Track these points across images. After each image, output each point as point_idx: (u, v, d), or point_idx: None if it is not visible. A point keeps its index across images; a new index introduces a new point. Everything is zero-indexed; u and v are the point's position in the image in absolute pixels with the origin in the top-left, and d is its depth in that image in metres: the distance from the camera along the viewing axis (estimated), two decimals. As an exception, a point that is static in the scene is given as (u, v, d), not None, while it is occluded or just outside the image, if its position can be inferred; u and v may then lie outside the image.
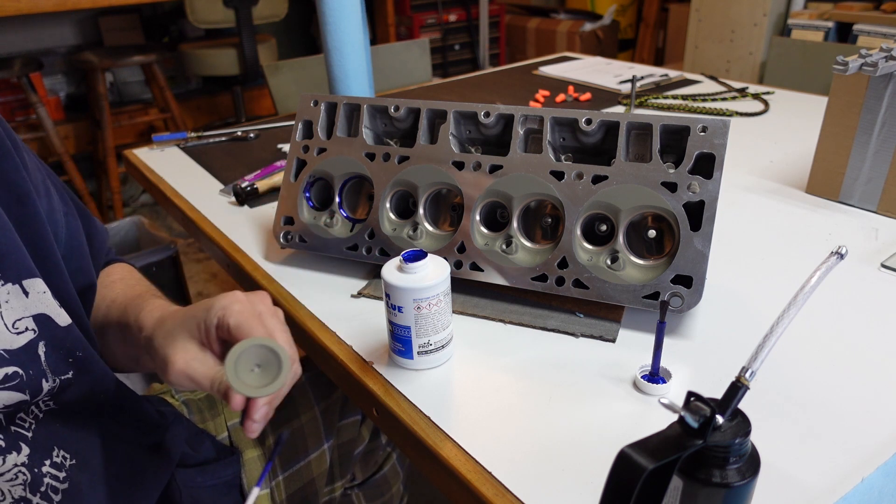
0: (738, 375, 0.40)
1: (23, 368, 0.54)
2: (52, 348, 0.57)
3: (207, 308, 0.54)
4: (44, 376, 0.56)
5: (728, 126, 0.65)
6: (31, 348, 0.55)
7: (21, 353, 0.55)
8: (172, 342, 0.55)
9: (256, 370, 0.49)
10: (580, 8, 4.02)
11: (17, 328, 0.54)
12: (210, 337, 0.54)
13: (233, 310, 0.53)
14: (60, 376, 0.58)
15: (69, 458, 0.60)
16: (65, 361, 0.58)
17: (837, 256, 0.42)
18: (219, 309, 0.53)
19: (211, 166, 1.17)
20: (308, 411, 0.89)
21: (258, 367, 0.50)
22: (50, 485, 0.57)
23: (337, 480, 0.92)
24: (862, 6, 2.43)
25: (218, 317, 0.53)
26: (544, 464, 0.52)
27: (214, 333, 0.54)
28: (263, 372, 0.49)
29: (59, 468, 0.59)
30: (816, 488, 0.49)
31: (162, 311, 0.60)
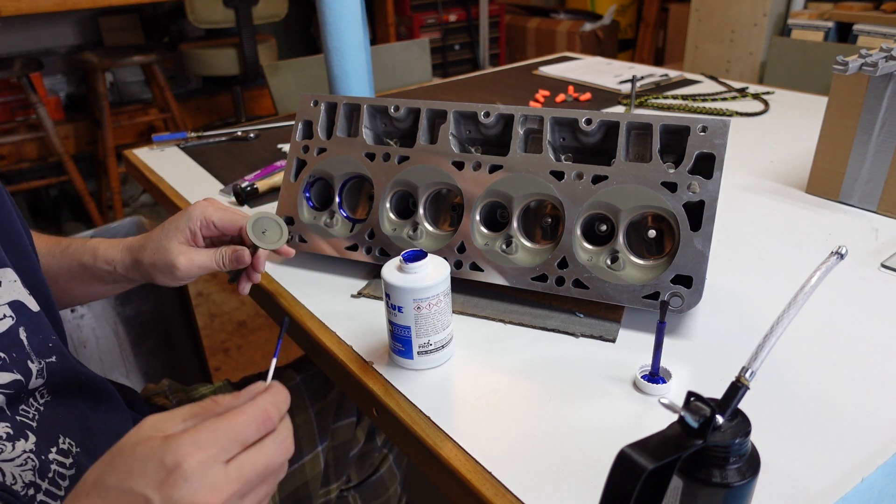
0: (738, 375, 0.40)
1: (6, 352, 0.56)
2: (32, 332, 0.59)
3: (187, 217, 0.68)
4: (29, 358, 0.58)
5: (728, 126, 0.65)
6: (12, 334, 0.57)
7: (4, 338, 0.56)
8: (166, 252, 0.67)
9: (264, 234, 0.68)
10: (580, 8, 4.02)
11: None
12: (196, 238, 0.68)
13: (211, 211, 0.68)
14: (45, 359, 0.60)
15: (74, 444, 0.61)
16: (45, 346, 0.60)
17: (837, 256, 0.42)
18: (199, 214, 0.68)
19: (211, 166, 1.17)
20: (302, 413, 0.89)
21: (264, 233, 0.68)
22: (57, 471, 0.58)
23: (332, 482, 0.92)
24: (862, 6, 2.42)
25: (201, 219, 0.68)
26: (544, 464, 0.52)
27: (200, 234, 0.68)
28: (270, 234, 0.69)
29: (65, 455, 0.59)
30: (816, 488, 0.49)
31: (123, 243, 0.72)
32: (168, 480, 0.39)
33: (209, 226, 0.68)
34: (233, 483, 0.40)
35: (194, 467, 0.39)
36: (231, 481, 0.40)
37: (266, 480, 0.43)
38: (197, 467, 0.39)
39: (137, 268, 0.70)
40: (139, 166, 1.21)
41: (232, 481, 0.40)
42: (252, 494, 0.42)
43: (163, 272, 0.68)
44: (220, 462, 0.40)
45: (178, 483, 0.38)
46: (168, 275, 0.68)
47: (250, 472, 0.41)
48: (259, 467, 0.42)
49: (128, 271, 0.71)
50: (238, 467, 0.41)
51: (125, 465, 0.40)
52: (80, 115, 3.00)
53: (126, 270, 0.71)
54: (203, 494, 0.39)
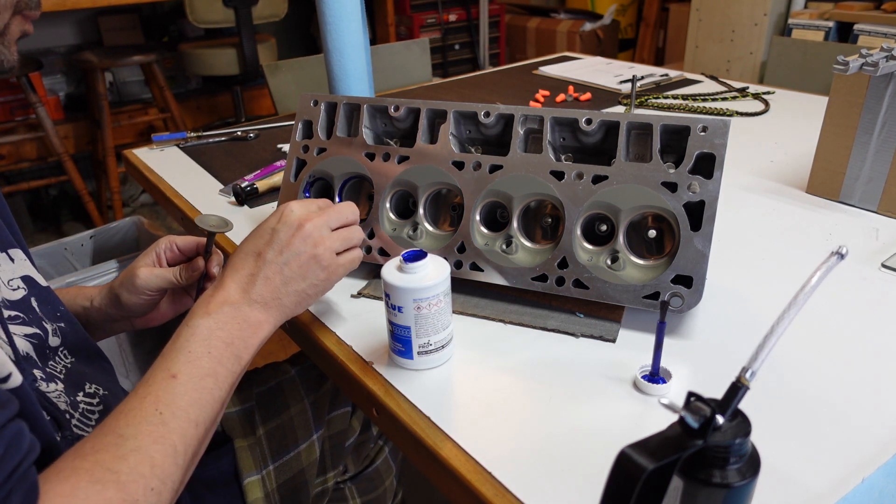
0: (739, 375, 0.40)
1: (24, 313, 0.64)
2: (41, 302, 0.67)
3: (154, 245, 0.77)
4: (43, 320, 0.66)
5: (728, 126, 0.65)
6: (25, 302, 0.65)
7: (20, 304, 0.65)
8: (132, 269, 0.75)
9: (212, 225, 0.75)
10: (580, 8, 4.02)
11: (13, 286, 0.65)
12: (161, 260, 0.77)
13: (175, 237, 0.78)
14: (57, 323, 0.68)
15: (101, 388, 0.68)
16: (54, 315, 0.68)
17: (838, 256, 0.42)
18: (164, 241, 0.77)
19: (211, 166, 1.17)
20: (297, 403, 0.90)
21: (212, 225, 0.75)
22: (85, 410, 0.65)
23: (329, 471, 0.93)
24: (862, 6, 2.42)
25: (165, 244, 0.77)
26: (544, 464, 0.52)
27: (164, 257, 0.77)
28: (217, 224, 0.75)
29: (92, 397, 0.67)
30: (817, 488, 0.49)
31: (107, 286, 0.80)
32: (283, 215, 0.64)
33: (173, 248, 0.77)
34: (321, 216, 0.64)
35: (297, 205, 0.64)
36: (318, 214, 0.64)
37: (347, 227, 0.66)
38: (298, 206, 0.64)
39: (109, 295, 0.78)
40: (139, 166, 1.21)
41: (320, 214, 0.64)
42: (337, 232, 0.65)
43: (127, 288, 0.76)
44: (310, 209, 0.65)
45: (289, 214, 0.64)
46: (130, 287, 0.75)
47: (331, 213, 0.65)
48: (336, 210, 0.66)
49: (103, 303, 0.79)
50: (319, 209, 0.65)
51: (255, 229, 0.65)
52: (80, 114, 3.00)
53: (101, 302, 0.79)
54: (302, 218, 0.63)
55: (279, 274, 0.62)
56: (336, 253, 0.64)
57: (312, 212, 0.64)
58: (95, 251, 1.32)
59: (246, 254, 0.63)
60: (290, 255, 0.62)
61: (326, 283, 0.64)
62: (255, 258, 0.63)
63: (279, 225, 0.63)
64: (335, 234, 0.64)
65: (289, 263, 0.62)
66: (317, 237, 0.63)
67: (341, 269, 0.65)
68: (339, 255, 0.64)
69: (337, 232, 0.65)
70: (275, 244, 0.62)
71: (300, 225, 0.63)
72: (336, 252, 0.64)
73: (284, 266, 0.62)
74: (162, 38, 3.29)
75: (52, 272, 1.25)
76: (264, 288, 0.62)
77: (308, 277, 0.63)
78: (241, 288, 0.62)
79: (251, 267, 0.62)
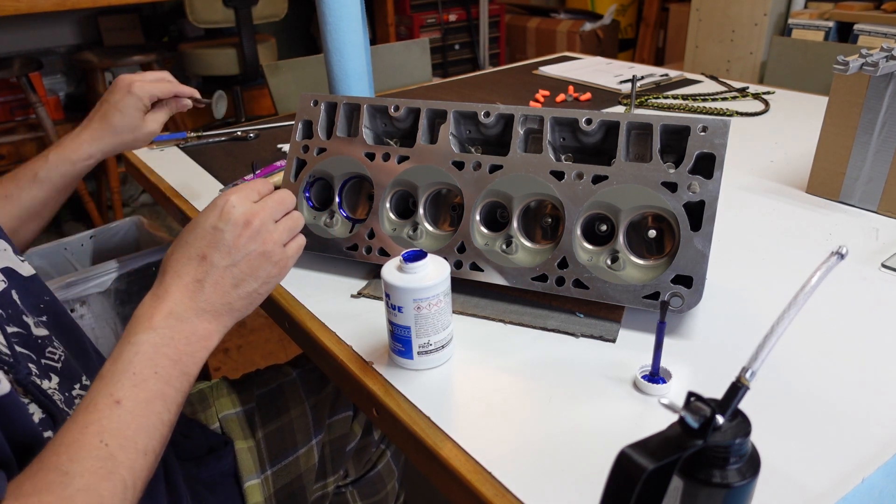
0: (739, 375, 0.40)
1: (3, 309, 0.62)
2: (23, 294, 0.66)
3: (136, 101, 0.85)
4: (23, 314, 0.65)
5: (728, 126, 0.65)
6: (6, 295, 0.64)
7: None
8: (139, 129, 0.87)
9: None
10: (580, 8, 4.02)
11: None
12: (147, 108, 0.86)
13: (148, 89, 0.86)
14: (38, 316, 0.67)
15: None
16: (37, 307, 0.68)
17: (838, 256, 0.42)
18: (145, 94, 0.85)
19: (211, 166, 1.17)
20: (298, 406, 0.90)
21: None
22: None
23: (329, 476, 0.93)
24: (862, 6, 2.42)
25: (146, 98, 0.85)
26: (544, 464, 0.52)
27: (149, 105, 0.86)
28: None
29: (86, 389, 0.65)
30: (817, 488, 0.49)
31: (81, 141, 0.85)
32: (223, 211, 0.58)
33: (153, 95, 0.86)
34: (264, 208, 0.60)
35: (237, 200, 0.59)
36: (262, 207, 0.60)
37: (289, 215, 0.63)
38: (238, 200, 0.59)
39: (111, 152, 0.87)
40: (139, 166, 1.21)
41: (263, 207, 0.60)
42: (281, 222, 0.61)
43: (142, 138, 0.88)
44: (251, 200, 0.60)
45: (230, 210, 0.58)
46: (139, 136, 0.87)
47: (272, 203, 0.61)
48: (277, 199, 0.62)
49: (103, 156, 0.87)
50: (262, 202, 0.61)
51: (191, 225, 0.59)
52: (80, 114, 2.99)
53: (102, 156, 0.87)
54: (248, 213, 0.59)
55: (229, 276, 0.58)
56: (283, 244, 0.62)
57: (255, 205, 0.60)
58: (95, 251, 1.32)
59: (188, 258, 0.58)
60: (239, 255, 0.58)
61: (278, 277, 0.61)
62: (200, 261, 0.57)
63: (221, 223, 0.58)
64: (281, 226, 0.61)
65: (238, 264, 0.58)
66: (265, 233, 0.59)
67: (291, 260, 0.62)
68: (285, 246, 0.62)
69: (282, 222, 0.62)
70: (220, 245, 0.58)
71: (247, 222, 0.58)
72: (283, 244, 0.61)
73: (233, 267, 0.58)
74: (162, 38, 3.29)
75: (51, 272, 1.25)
76: (213, 293, 0.57)
77: (260, 276, 0.59)
78: (187, 296, 0.57)
79: (196, 271, 0.57)
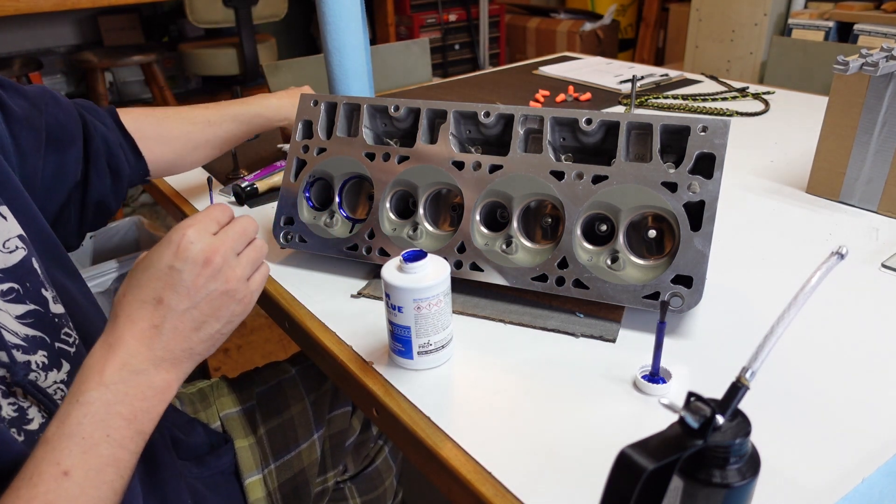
0: (739, 375, 0.40)
1: (19, 283, 0.59)
2: (43, 260, 0.63)
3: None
4: (42, 286, 0.61)
5: (728, 126, 0.65)
6: (26, 263, 0.60)
7: (17, 269, 0.59)
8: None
9: None
10: (580, 8, 4.02)
11: (9, 247, 0.60)
12: None
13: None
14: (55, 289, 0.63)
15: None
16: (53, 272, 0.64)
17: (838, 256, 0.42)
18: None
19: (211, 166, 1.17)
20: (298, 402, 0.90)
21: None
22: None
23: (329, 471, 0.93)
24: (862, 6, 2.42)
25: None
26: (544, 464, 0.52)
27: None
28: None
29: None
30: (817, 488, 0.49)
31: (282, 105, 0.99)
32: (180, 248, 0.52)
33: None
34: (224, 241, 0.55)
35: (195, 234, 0.53)
36: (223, 241, 0.55)
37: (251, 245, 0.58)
38: (196, 234, 0.53)
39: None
40: (139, 166, 1.21)
41: (224, 241, 0.55)
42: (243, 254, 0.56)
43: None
44: (210, 233, 0.55)
45: (188, 247, 0.53)
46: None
47: (233, 234, 0.56)
48: (238, 230, 0.56)
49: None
50: (223, 233, 0.55)
51: (144, 263, 0.54)
52: (80, 114, 2.99)
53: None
54: (207, 251, 0.53)
55: (189, 320, 0.53)
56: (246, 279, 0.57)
57: (215, 239, 0.54)
58: (95, 251, 1.32)
59: (142, 301, 0.52)
60: (200, 296, 0.53)
61: (242, 315, 0.57)
62: (156, 305, 0.52)
63: (178, 262, 0.52)
64: (243, 259, 0.56)
65: (198, 306, 0.53)
66: (227, 271, 0.54)
67: (255, 294, 0.57)
68: (249, 280, 0.57)
69: (244, 254, 0.57)
70: (178, 287, 0.52)
71: (206, 260, 0.53)
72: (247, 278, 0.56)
73: (194, 310, 0.53)
74: (162, 38, 3.30)
75: (52, 272, 1.25)
76: (172, 339, 0.52)
77: (222, 316, 0.54)
78: (143, 344, 0.51)
79: (152, 316, 0.52)
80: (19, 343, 0.57)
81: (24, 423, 0.56)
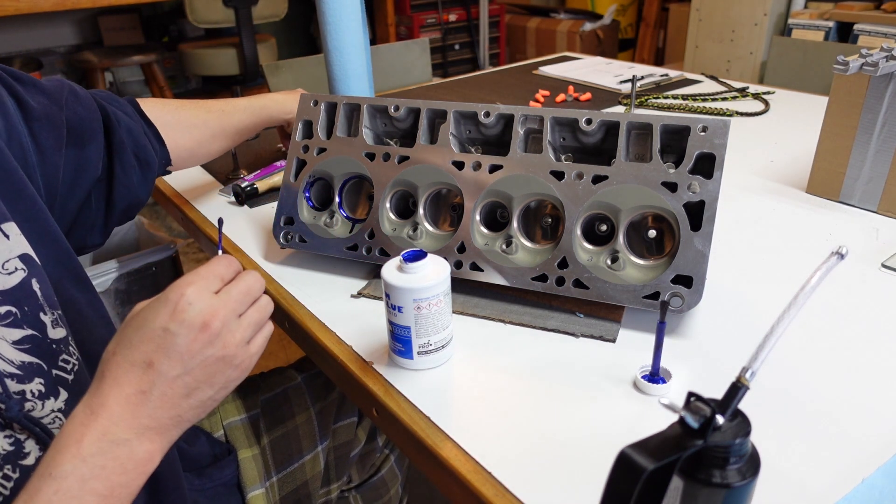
0: (739, 375, 0.40)
1: (17, 306, 0.57)
2: (43, 283, 0.60)
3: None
4: (41, 310, 0.59)
5: (728, 126, 0.65)
6: (25, 286, 0.58)
7: (15, 292, 0.57)
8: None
9: None
10: (580, 8, 4.02)
11: (8, 269, 0.57)
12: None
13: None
14: (55, 310, 0.61)
15: None
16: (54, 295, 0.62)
17: (838, 256, 0.42)
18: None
19: (211, 166, 1.17)
20: (303, 412, 0.89)
21: None
22: None
23: (333, 482, 0.92)
24: (862, 6, 2.42)
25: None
26: (544, 464, 0.52)
27: None
28: None
29: None
30: (816, 489, 0.49)
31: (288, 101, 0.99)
32: (176, 309, 0.48)
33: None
34: (226, 303, 0.50)
35: (194, 294, 0.49)
36: (224, 302, 0.50)
37: (254, 306, 0.53)
38: (196, 294, 0.49)
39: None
40: (139, 166, 1.21)
41: (225, 302, 0.50)
42: (245, 315, 0.52)
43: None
44: (211, 292, 0.50)
45: (186, 308, 0.48)
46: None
47: (236, 294, 0.51)
48: (242, 289, 0.52)
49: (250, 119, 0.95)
50: (225, 292, 0.51)
51: (137, 321, 0.49)
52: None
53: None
54: (206, 313, 0.49)
55: (180, 386, 0.49)
56: (247, 342, 0.52)
57: (215, 300, 0.50)
58: (96, 251, 1.32)
59: (132, 363, 0.48)
60: (194, 363, 0.49)
61: (238, 380, 0.53)
62: (145, 369, 0.48)
63: (174, 324, 0.48)
64: (245, 321, 0.52)
65: (191, 372, 0.49)
66: (226, 335, 0.50)
67: (254, 357, 0.53)
68: (249, 343, 0.52)
69: (247, 316, 0.52)
70: (171, 352, 0.48)
71: (205, 324, 0.48)
72: (247, 342, 0.52)
73: (186, 376, 0.49)
74: (162, 38, 3.30)
75: (52, 272, 1.25)
76: (160, 407, 0.48)
77: (217, 382, 0.50)
78: (128, 411, 0.47)
79: (140, 381, 0.48)
80: (14, 372, 0.55)
81: (20, 458, 0.54)
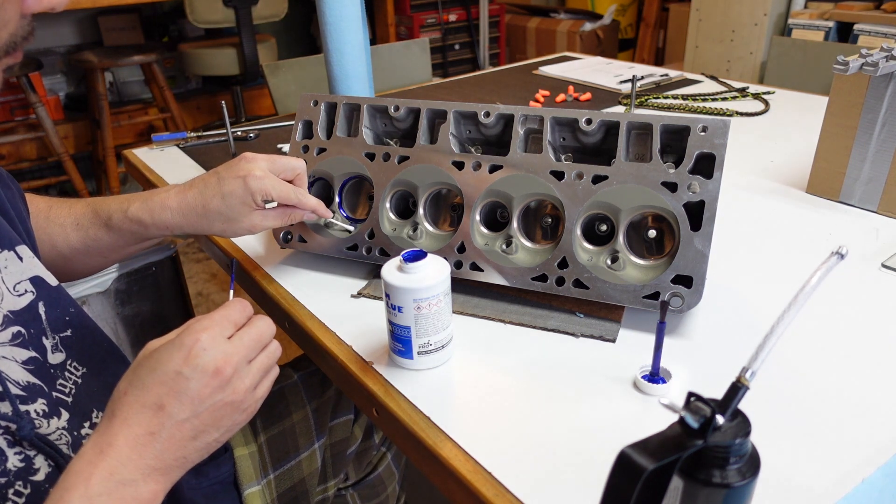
0: (739, 375, 0.40)
1: (24, 328, 0.59)
2: (50, 307, 0.62)
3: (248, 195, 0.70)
4: (43, 334, 0.61)
5: (728, 126, 0.65)
6: (32, 309, 0.60)
7: (24, 314, 0.59)
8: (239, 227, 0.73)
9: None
10: (580, 8, 4.02)
11: (18, 290, 0.60)
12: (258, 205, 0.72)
13: (269, 186, 0.70)
14: (59, 333, 0.63)
15: None
16: (62, 320, 0.64)
17: (838, 256, 0.42)
18: (258, 190, 0.70)
19: (211, 166, 1.17)
20: (300, 410, 0.89)
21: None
22: None
23: (330, 480, 0.92)
24: (862, 6, 2.42)
25: (261, 194, 0.70)
26: (544, 464, 0.52)
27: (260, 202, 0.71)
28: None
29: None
30: (816, 488, 0.49)
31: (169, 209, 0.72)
32: (191, 354, 0.50)
33: (267, 197, 0.72)
34: (238, 350, 0.52)
35: (208, 340, 0.50)
36: (237, 349, 0.52)
37: (264, 351, 0.55)
38: (210, 340, 0.51)
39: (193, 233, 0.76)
40: (139, 166, 1.21)
41: (237, 348, 0.52)
42: (255, 361, 0.54)
43: (234, 233, 0.74)
44: (224, 337, 0.52)
45: (200, 353, 0.50)
46: (234, 229, 0.74)
47: (248, 340, 0.53)
48: (254, 336, 0.54)
49: (181, 235, 0.78)
50: (238, 338, 0.53)
51: (151, 363, 0.50)
52: (80, 114, 3.00)
53: (179, 234, 0.78)
54: (219, 360, 0.50)
55: (188, 429, 0.50)
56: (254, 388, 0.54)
57: (228, 346, 0.52)
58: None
59: (143, 404, 0.49)
60: (203, 407, 0.50)
61: (243, 423, 0.54)
62: (156, 411, 0.49)
63: (187, 369, 0.49)
64: (254, 367, 0.54)
65: (200, 415, 0.50)
66: (236, 382, 0.51)
67: (259, 402, 0.55)
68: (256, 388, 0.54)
69: (256, 362, 0.54)
70: (183, 395, 0.49)
71: (217, 370, 0.50)
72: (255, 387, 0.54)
73: (195, 419, 0.50)
74: (162, 38, 3.29)
75: (52, 272, 1.25)
76: (167, 449, 0.50)
77: (223, 425, 0.52)
78: (136, 451, 0.48)
79: (149, 423, 0.49)
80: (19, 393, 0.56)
81: (30, 475, 0.55)
